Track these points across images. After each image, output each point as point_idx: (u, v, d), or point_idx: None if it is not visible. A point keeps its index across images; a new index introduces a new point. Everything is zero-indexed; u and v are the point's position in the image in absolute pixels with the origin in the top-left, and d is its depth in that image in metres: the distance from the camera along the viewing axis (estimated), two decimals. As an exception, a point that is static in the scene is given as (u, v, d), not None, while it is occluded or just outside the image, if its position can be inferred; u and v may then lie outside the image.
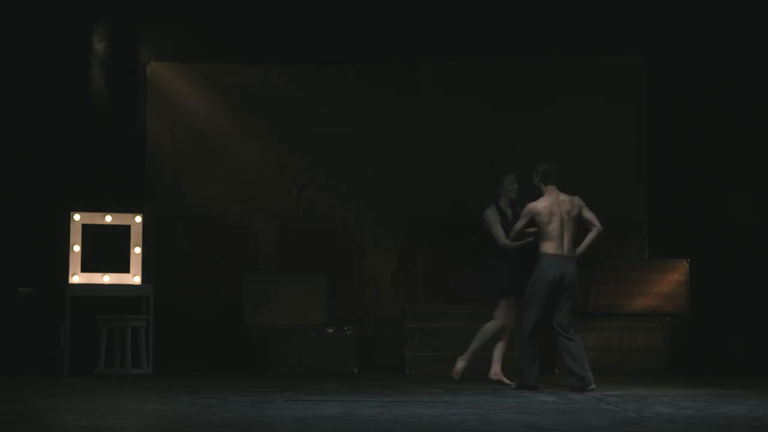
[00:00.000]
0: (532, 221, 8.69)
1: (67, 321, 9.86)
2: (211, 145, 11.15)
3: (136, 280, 10.07)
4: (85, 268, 10.01)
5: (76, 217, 10.03)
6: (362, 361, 10.43)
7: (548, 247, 8.61)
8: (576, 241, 8.74)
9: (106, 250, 10.08)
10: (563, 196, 8.73)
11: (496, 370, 9.21)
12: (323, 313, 10.68)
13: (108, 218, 10.10)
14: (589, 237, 8.76)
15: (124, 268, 10.08)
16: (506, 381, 9.08)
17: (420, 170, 11.04)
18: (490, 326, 9.17)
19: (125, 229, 10.11)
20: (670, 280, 10.59)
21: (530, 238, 8.86)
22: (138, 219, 10.14)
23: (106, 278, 10.04)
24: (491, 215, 9.16)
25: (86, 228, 10.05)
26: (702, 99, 10.81)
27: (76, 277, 9.96)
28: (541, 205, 8.66)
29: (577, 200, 8.75)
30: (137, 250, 10.11)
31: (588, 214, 8.76)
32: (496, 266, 9.10)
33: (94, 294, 9.99)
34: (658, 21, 10.88)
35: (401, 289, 10.95)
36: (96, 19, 10.54)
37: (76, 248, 9.99)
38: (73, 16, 10.47)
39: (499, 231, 9.08)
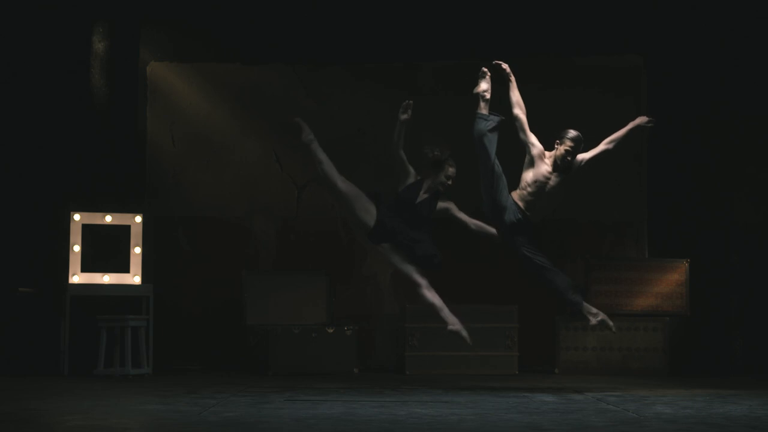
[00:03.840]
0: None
1: (67, 321, 9.87)
2: (211, 145, 11.17)
3: (136, 280, 10.08)
4: (85, 268, 10.02)
5: (76, 217, 10.03)
6: (362, 361, 10.44)
7: None
8: None
9: (106, 250, 10.09)
10: None
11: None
12: (323, 313, 10.68)
13: (108, 218, 10.11)
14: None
15: (124, 268, 10.09)
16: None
17: (421, 170, 11.02)
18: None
19: (125, 229, 10.12)
20: (670, 280, 10.59)
21: None
22: (138, 219, 10.15)
23: (106, 278, 10.05)
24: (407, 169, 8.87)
25: (86, 228, 10.06)
26: (702, 98, 10.81)
27: (76, 277, 9.97)
28: None
29: None
30: (137, 250, 10.12)
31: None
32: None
33: (94, 294, 10.00)
34: (658, 21, 10.89)
35: (401, 289, 10.94)
36: (96, 18, 10.55)
37: (76, 248, 10.00)
38: (73, 15, 10.48)
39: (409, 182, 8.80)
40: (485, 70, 8.44)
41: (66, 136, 10.44)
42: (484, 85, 8.41)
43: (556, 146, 8.50)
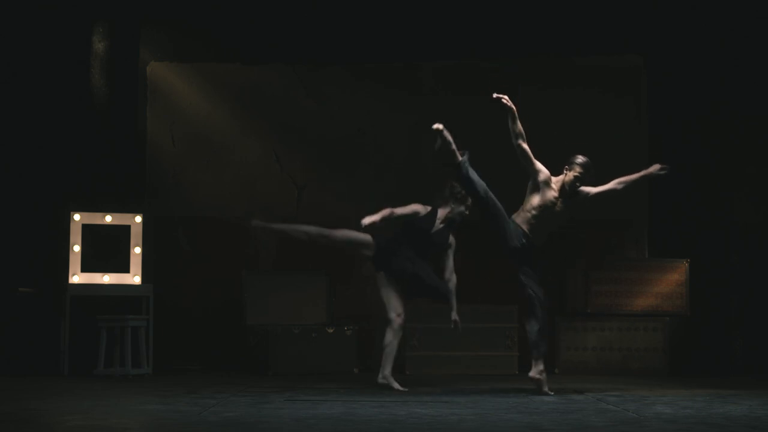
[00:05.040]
0: None
1: (67, 321, 9.87)
2: (211, 145, 11.17)
3: (136, 280, 10.08)
4: (85, 268, 10.01)
5: (76, 217, 10.03)
6: (362, 361, 10.43)
7: None
8: None
9: (106, 250, 10.09)
10: None
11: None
12: (323, 313, 10.67)
13: (108, 218, 10.11)
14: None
15: (124, 268, 10.08)
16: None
17: (421, 170, 11.03)
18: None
19: (125, 229, 10.11)
20: (670, 280, 10.59)
21: None
22: (138, 219, 10.14)
23: (106, 278, 10.04)
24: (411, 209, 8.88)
25: (86, 228, 10.05)
26: (702, 98, 10.81)
27: (76, 277, 9.97)
28: None
29: None
30: (137, 250, 10.12)
31: None
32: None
33: (94, 294, 9.99)
34: (658, 21, 10.89)
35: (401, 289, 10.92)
36: (96, 18, 10.55)
37: (76, 248, 10.00)
38: (73, 15, 10.48)
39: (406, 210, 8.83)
40: (436, 127, 8.24)
41: (66, 136, 10.44)
42: (440, 142, 8.29)
43: (565, 172, 8.53)
